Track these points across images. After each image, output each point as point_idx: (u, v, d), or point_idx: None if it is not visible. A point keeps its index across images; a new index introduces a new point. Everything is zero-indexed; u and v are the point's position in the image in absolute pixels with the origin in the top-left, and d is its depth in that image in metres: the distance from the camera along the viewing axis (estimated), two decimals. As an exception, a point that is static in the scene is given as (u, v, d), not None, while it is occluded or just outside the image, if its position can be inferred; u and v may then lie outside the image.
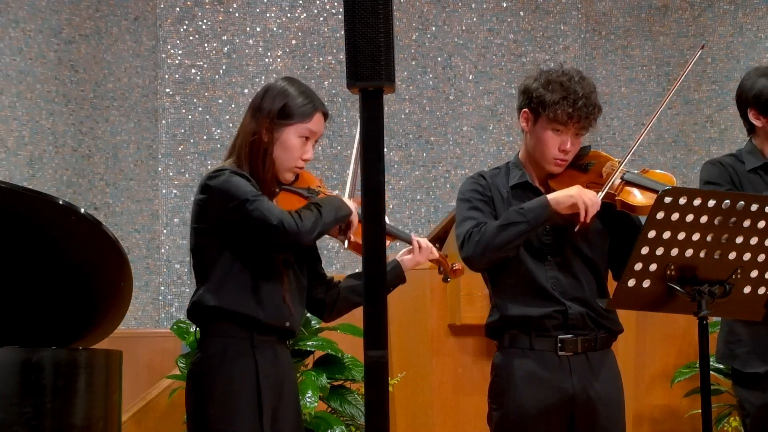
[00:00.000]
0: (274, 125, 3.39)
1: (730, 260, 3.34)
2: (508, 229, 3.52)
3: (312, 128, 3.43)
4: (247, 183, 3.31)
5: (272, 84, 3.49)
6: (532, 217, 3.52)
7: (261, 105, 3.42)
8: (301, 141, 3.42)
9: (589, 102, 3.58)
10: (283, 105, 3.40)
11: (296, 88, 3.45)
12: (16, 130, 6.96)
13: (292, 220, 3.26)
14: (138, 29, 7.60)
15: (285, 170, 3.43)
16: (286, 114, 3.40)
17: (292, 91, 3.43)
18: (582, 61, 7.85)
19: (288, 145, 3.40)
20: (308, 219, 3.29)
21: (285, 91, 3.43)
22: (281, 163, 3.42)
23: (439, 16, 7.94)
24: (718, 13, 7.86)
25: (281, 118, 3.39)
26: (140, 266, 7.36)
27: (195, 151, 7.65)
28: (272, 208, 3.28)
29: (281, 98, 3.41)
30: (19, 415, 3.31)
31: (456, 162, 7.87)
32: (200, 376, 3.38)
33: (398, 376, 5.27)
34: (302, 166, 3.46)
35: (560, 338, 3.56)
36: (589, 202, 3.48)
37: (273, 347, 3.40)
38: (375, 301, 2.14)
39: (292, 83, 3.47)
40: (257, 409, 3.31)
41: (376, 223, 2.16)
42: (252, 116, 3.43)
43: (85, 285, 3.73)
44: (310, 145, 3.45)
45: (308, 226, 3.28)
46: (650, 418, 6.04)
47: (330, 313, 3.64)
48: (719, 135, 7.78)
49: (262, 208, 3.26)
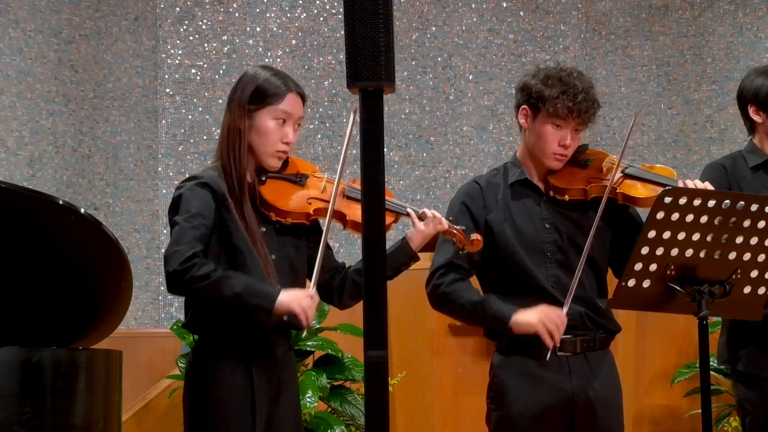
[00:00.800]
0: (248, 112, 3.35)
1: (730, 260, 3.34)
2: (466, 314, 3.65)
3: (286, 109, 3.37)
4: (196, 200, 3.27)
5: (244, 72, 3.45)
6: (490, 324, 3.62)
7: (233, 96, 3.39)
8: (277, 123, 3.36)
9: (588, 96, 3.59)
10: (253, 89, 3.36)
11: (267, 71, 3.41)
12: (16, 130, 6.96)
13: (178, 265, 3.18)
14: (138, 29, 7.60)
15: (267, 156, 3.38)
16: (258, 98, 3.35)
17: (261, 74, 3.39)
18: (582, 61, 7.84)
19: (263, 129, 3.35)
20: (198, 274, 3.19)
21: (255, 76, 3.39)
22: (261, 150, 3.36)
23: (439, 16, 7.94)
24: (718, 13, 7.86)
25: (253, 103, 3.35)
26: (140, 266, 7.35)
27: (195, 151, 7.64)
28: (182, 239, 3.22)
29: (251, 83, 3.37)
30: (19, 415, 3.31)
31: (456, 162, 7.87)
32: (194, 381, 3.37)
33: (398, 376, 5.27)
34: (284, 149, 3.39)
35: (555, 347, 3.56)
36: (553, 325, 3.48)
37: (272, 348, 3.38)
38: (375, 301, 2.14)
39: (264, 68, 3.44)
40: (251, 415, 3.29)
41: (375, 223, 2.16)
42: (228, 109, 3.40)
43: (85, 285, 3.73)
44: (290, 127, 3.38)
45: (188, 278, 3.19)
46: (650, 418, 6.04)
47: (340, 299, 3.54)
48: (719, 135, 7.78)
49: (176, 234, 3.24)
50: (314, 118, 7.71)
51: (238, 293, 3.21)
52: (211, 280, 3.20)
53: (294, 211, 3.37)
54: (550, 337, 3.46)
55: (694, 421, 5.70)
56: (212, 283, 3.20)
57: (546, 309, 3.50)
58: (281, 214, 3.36)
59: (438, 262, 3.64)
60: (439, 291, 3.62)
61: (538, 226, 3.63)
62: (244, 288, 3.22)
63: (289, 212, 3.36)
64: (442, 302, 3.65)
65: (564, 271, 3.60)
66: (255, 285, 3.24)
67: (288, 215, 3.36)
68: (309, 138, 7.69)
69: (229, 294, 3.21)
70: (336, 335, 5.30)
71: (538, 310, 3.50)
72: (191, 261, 3.20)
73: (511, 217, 3.64)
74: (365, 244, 2.16)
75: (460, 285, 3.61)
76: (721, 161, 4.09)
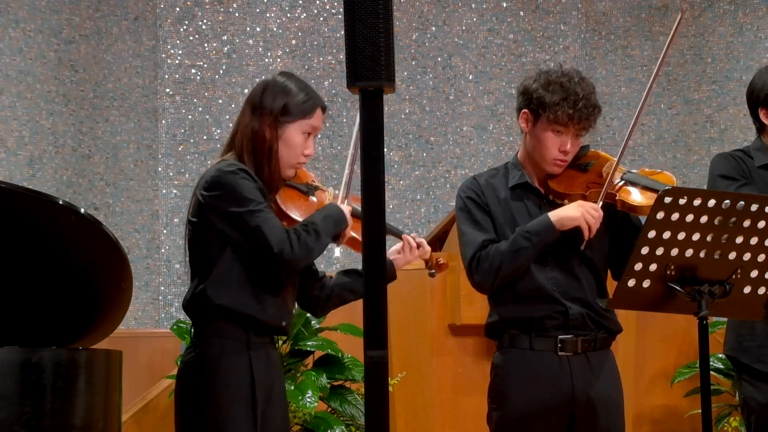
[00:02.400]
0: (278, 123, 3.39)
1: (730, 260, 3.34)
2: (517, 255, 3.55)
3: (314, 124, 3.44)
4: (256, 190, 3.31)
5: (271, 80, 3.47)
6: (537, 240, 3.53)
7: (262, 103, 3.41)
8: (304, 137, 3.42)
9: (589, 103, 3.58)
10: (285, 103, 3.39)
11: (296, 84, 3.45)
12: (16, 130, 6.96)
13: (291, 249, 3.26)
14: (138, 29, 7.60)
15: (288, 167, 3.43)
16: (288, 111, 3.40)
17: (292, 88, 3.43)
18: (582, 61, 7.84)
19: (291, 142, 3.40)
20: (306, 244, 3.29)
21: (285, 88, 3.42)
22: (285, 161, 3.41)
23: (439, 16, 7.94)
24: (718, 13, 7.86)
25: (284, 116, 3.39)
26: (140, 266, 7.36)
27: (195, 151, 7.65)
28: (275, 228, 3.27)
29: (282, 96, 3.40)
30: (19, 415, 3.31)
31: (456, 162, 7.87)
32: (194, 376, 3.36)
33: (398, 376, 5.27)
34: (304, 162, 3.46)
35: (560, 338, 3.55)
36: (592, 220, 3.49)
37: (266, 348, 3.40)
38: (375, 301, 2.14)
39: (291, 79, 3.47)
40: (251, 413, 3.30)
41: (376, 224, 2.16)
42: (252, 113, 3.41)
43: (85, 285, 3.73)
44: (311, 140, 3.45)
45: (304, 253, 3.29)
46: (650, 418, 6.04)
47: (323, 309, 3.64)
48: (719, 135, 7.78)
49: (265, 227, 3.26)
50: (314, 118, 7.71)
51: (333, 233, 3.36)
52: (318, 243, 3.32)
53: None
54: (588, 230, 3.48)
55: (694, 421, 5.71)
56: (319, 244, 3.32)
57: (584, 202, 3.52)
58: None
59: (470, 253, 3.61)
60: (481, 270, 3.57)
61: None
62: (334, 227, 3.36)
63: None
64: (491, 272, 3.56)
65: (564, 273, 3.60)
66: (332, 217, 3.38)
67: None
68: (309, 138, 7.69)
69: (326, 241, 3.36)
70: (336, 335, 5.30)
71: (577, 204, 3.53)
72: (298, 240, 3.29)
73: (512, 218, 3.63)
74: (365, 244, 2.16)
75: (489, 249, 3.58)
76: (731, 152, 4.04)
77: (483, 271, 3.57)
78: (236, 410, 3.29)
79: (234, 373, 3.31)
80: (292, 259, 3.27)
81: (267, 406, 3.36)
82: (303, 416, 5.04)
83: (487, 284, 3.60)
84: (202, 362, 3.35)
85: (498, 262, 3.55)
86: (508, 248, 3.55)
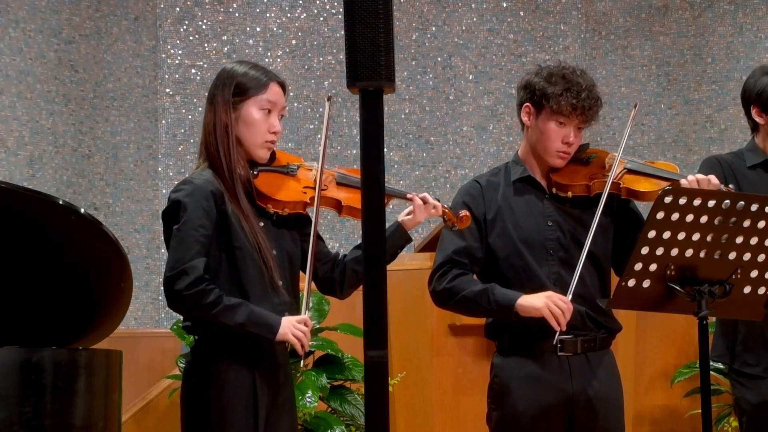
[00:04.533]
0: (231, 105, 3.36)
1: (730, 260, 3.34)
2: (471, 307, 3.61)
3: (270, 98, 3.38)
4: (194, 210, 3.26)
5: (220, 71, 3.46)
6: (495, 310, 3.57)
7: (214, 93, 3.40)
8: (263, 113, 3.37)
9: (591, 94, 3.60)
10: (235, 83, 3.37)
11: (244, 65, 3.43)
12: (16, 130, 6.96)
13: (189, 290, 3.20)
14: (138, 29, 7.60)
15: (256, 147, 3.38)
16: (241, 90, 3.37)
17: (239, 69, 3.41)
18: (582, 61, 7.84)
19: (250, 119, 3.36)
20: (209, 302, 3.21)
21: (233, 72, 3.40)
22: (251, 141, 3.37)
23: (439, 16, 7.94)
24: (718, 13, 7.86)
25: (236, 96, 3.36)
26: (140, 266, 7.36)
27: (195, 151, 7.62)
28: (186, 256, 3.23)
29: (231, 78, 3.38)
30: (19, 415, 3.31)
31: (456, 162, 7.87)
32: (196, 379, 3.34)
33: (398, 376, 5.27)
34: (272, 140, 3.40)
35: (560, 338, 3.55)
36: (558, 311, 3.46)
37: (271, 345, 3.36)
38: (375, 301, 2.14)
39: (240, 63, 3.46)
40: (253, 416, 3.28)
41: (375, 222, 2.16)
42: (209, 106, 3.41)
43: (85, 285, 3.73)
44: (275, 117, 3.40)
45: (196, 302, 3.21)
46: (650, 418, 6.04)
47: (341, 290, 3.54)
48: (719, 135, 7.78)
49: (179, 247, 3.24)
50: (314, 118, 7.71)
51: (241, 323, 3.24)
52: (216, 310, 3.22)
53: (291, 201, 3.36)
54: (555, 321, 3.45)
55: (694, 421, 5.71)
56: (217, 313, 3.22)
57: (551, 294, 3.50)
58: (278, 204, 3.35)
59: (439, 260, 3.64)
60: (441, 287, 3.61)
61: (541, 224, 3.63)
62: (247, 318, 3.24)
63: (287, 202, 3.36)
64: (445, 298, 3.63)
65: (566, 268, 3.59)
66: (257, 315, 3.26)
67: (285, 205, 3.36)
68: (309, 138, 7.69)
69: (232, 324, 3.24)
70: (336, 335, 5.30)
71: (543, 295, 3.50)
72: (198, 286, 3.21)
73: (513, 214, 3.64)
74: (365, 243, 2.16)
75: (463, 278, 3.60)
76: (720, 156, 4.08)
77: (442, 289, 3.63)
78: (237, 414, 3.27)
79: (234, 377, 3.29)
80: (178, 296, 3.22)
81: (272, 409, 3.33)
82: (303, 416, 5.04)
83: (435, 300, 3.69)
84: (203, 366, 3.34)
85: (453, 294, 3.60)
86: (470, 294, 3.59)
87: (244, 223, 3.30)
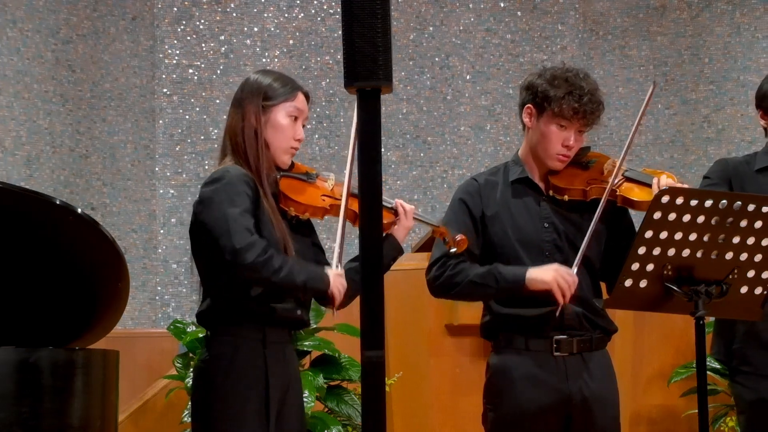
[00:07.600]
0: (261, 109, 3.41)
1: (727, 260, 3.34)
2: (478, 289, 3.58)
3: (298, 106, 3.46)
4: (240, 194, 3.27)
5: (248, 78, 3.53)
6: (504, 287, 3.55)
7: (242, 97, 3.46)
8: (290, 120, 3.44)
9: (593, 98, 3.60)
10: (264, 91, 3.43)
11: (272, 74, 3.51)
12: (13, 130, 6.96)
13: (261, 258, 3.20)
14: (135, 29, 7.60)
15: (281, 152, 3.43)
16: (270, 96, 3.43)
17: (270, 77, 3.48)
18: (580, 61, 7.84)
19: (278, 125, 3.42)
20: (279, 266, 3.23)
21: (263, 79, 3.47)
22: (276, 145, 3.42)
23: (437, 16, 7.94)
24: (716, 13, 7.86)
25: (266, 101, 3.42)
26: (137, 266, 7.35)
27: (192, 151, 7.64)
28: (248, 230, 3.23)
29: (261, 85, 3.45)
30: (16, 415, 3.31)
31: (453, 162, 7.87)
32: (209, 375, 3.34)
33: (395, 376, 5.27)
34: (296, 146, 3.46)
35: (556, 339, 3.55)
36: (566, 285, 3.46)
37: (282, 345, 3.38)
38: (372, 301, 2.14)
39: (267, 72, 3.53)
40: (265, 413, 3.29)
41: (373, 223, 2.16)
42: (236, 110, 3.46)
43: (82, 285, 3.73)
44: (299, 125, 3.47)
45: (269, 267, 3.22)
46: (647, 418, 6.04)
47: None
48: (716, 135, 7.78)
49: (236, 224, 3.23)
50: (312, 118, 7.71)
51: (303, 281, 3.28)
52: (284, 272, 3.24)
53: (312, 205, 3.40)
54: (561, 295, 3.46)
55: (691, 421, 5.71)
56: (288, 275, 3.24)
57: (558, 267, 3.50)
58: (300, 208, 3.39)
59: (436, 255, 3.63)
60: (443, 276, 3.59)
61: (537, 225, 3.63)
62: (307, 276, 3.29)
63: (308, 206, 3.40)
64: (448, 286, 3.61)
65: (562, 270, 3.59)
66: (311, 270, 3.32)
67: (307, 209, 3.40)
68: (306, 138, 7.66)
69: (297, 283, 3.27)
70: (333, 335, 5.30)
71: (551, 268, 3.50)
72: (267, 253, 3.22)
73: (510, 214, 3.64)
74: (362, 244, 2.16)
75: (464, 265, 3.59)
76: (731, 158, 4.10)
77: (440, 277, 3.59)
78: (250, 410, 3.28)
79: (248, 373, 3.30)
80: (252, 266, 3.21)
81: (282, 406, 3.35)
82: (300, 416, 5.04)
83: (435, 290, 3.65)
84: (216, 361, 3.34)
85: (456, 281, 3.58)
86: (476, 277, 3.57)
87: (272, 218, 3.33)
